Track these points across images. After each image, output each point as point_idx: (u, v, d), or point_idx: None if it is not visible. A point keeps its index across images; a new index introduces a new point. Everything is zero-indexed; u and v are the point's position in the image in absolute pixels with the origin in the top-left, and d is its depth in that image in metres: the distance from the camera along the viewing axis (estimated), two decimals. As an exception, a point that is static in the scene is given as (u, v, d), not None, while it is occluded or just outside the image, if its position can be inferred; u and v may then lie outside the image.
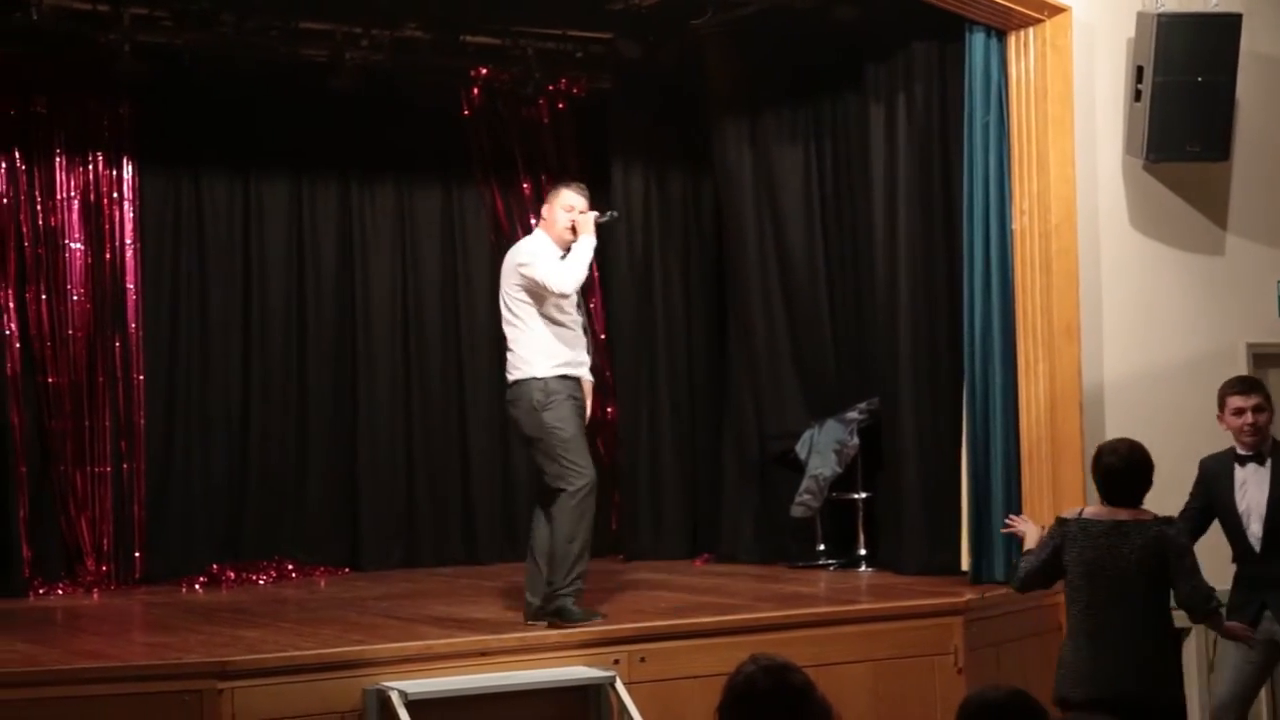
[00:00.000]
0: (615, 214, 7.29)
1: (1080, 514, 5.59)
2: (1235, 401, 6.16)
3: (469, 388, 9.76)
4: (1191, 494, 6.35)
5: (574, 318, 6.69)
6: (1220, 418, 6.24)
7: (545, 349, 6.59)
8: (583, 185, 6.95)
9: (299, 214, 9.49)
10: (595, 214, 6.80)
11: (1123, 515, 5.48)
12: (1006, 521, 6.30)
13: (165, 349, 9.10)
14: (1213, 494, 6.25)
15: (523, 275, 6.60)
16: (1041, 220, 7.54)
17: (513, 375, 6.65)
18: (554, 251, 6.69)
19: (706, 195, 9.71)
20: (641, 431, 9.60)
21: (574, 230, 6.69)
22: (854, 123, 8.76)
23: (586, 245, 6.71)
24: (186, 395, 9.16)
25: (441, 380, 9.74)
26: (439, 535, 9.64)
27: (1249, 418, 6.12)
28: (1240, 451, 6.18)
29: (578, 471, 6.50)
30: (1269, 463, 6.10)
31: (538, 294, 6.58)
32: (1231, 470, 6.18)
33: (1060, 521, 5.63)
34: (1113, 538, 5.43)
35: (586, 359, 6.75)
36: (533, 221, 9.88)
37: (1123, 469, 5.51)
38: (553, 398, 6.55)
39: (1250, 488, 6.13)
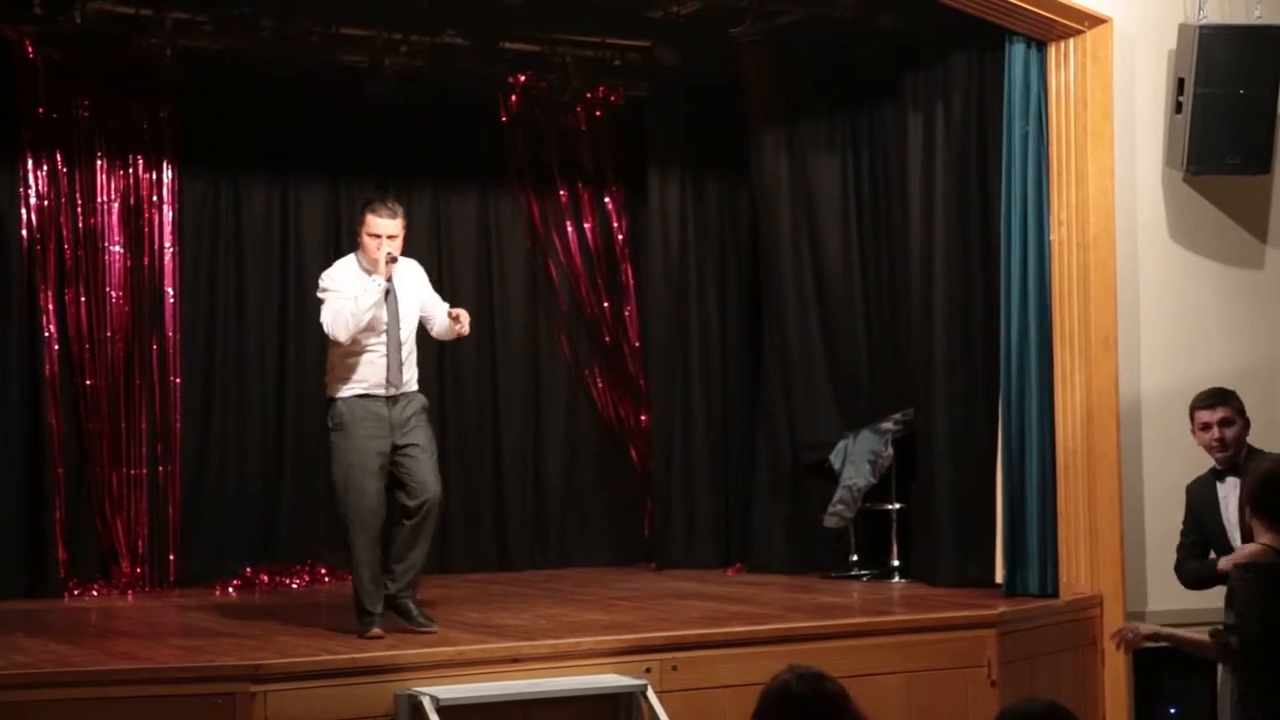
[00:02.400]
0: (395, 259, 6.65)
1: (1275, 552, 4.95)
2: (1201, 416, 6.02)
3: (502, 393, 9.78)
4: (1184, 526, 6.15)
5: (376, 343, 6.58)
6: (1193, 433, 6.10)
7: (344, 372, 6.60)
8: (392, 206, 6.67)
9: (337, 219, 9.50)
10: (389, 251, 6.54)
11: None
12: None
13: (202, 352, 9.14)
14: (1200, 518, 6.04)
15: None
16: (1080, 231, 7.51)
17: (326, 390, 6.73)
18: (354, 278, 6.60)
19: (743, 203, 9.70)
20: (675, 440, 9.58)
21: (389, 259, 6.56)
22: (892, 132, 8.74)
23: (369, 287, 6.54)
24: (223, 398, 9.20)
25: (475, 385, 9.76)
26: (471, 541, 9.65)
27: (1215, 432, 5.96)
28: (1217, 467, 6.01)
29: (347, 506, 6.53)
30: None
31: None
32: (1213, 488, 6.00)
33: (1271, 566, 4.91)
34: None
35: (402, 378, 6.62)
36: (568, 228, 9.94)
37: None
38: (338, 421, 6.57)
39: (1231, 503, 5.84)
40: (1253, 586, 4.90)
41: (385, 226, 6.59)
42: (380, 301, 6.59)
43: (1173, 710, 7.46)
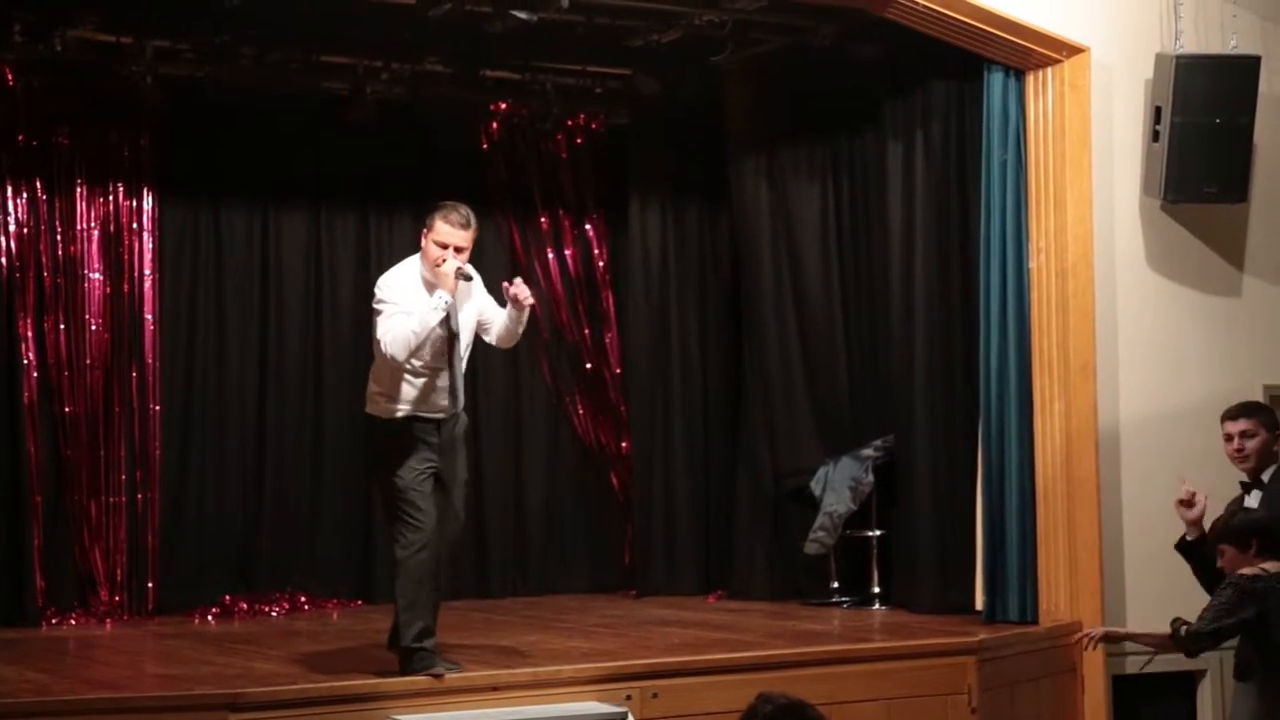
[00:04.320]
0: (471, 275, 6.12)
1: (1268, 571, 5.29)
2: (1225, 426, 6.11)
3: (482, 420, 9.74)
4: None
5: (434, 361, 6.03)
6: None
7: (392, 391, 6.06)
8: (465, 214, 6.04)
9: (317, 246, 9.51)
10: (458, 265, 5.99)
11: None
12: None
13: (182, 380, 9.12)
14: None
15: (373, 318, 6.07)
16: (1058, 259, 7.55)
17: (366, 408, 6.20)
18: (415, 289, 6.05)
19: (723, 230, 9.72)
20: (655, 466, 9.58)
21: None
22: (872, 160, 8.78)
23: (436, 304, 5.95)
24: (202, 426, 9.17)
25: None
26: (451, 568, 9.61)
27: (1235, 443, 6.05)
28: (1242, 479, 6.09)
29: (409, 523, 5.98)
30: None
31: None
32: (1242, 502, 6.09)
33: (1254, 579, 5.28)
34: None
35: (449, 404, 6.10)
36: (549, 255, 9.95)
37: None
38: (390, 441, 6.04)
39: None
40: (1225, 589, 5.28)
41: (455, 236, 6.00)
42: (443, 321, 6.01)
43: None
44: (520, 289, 6.13)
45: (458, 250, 6.04)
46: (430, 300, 6.01)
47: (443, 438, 6.15)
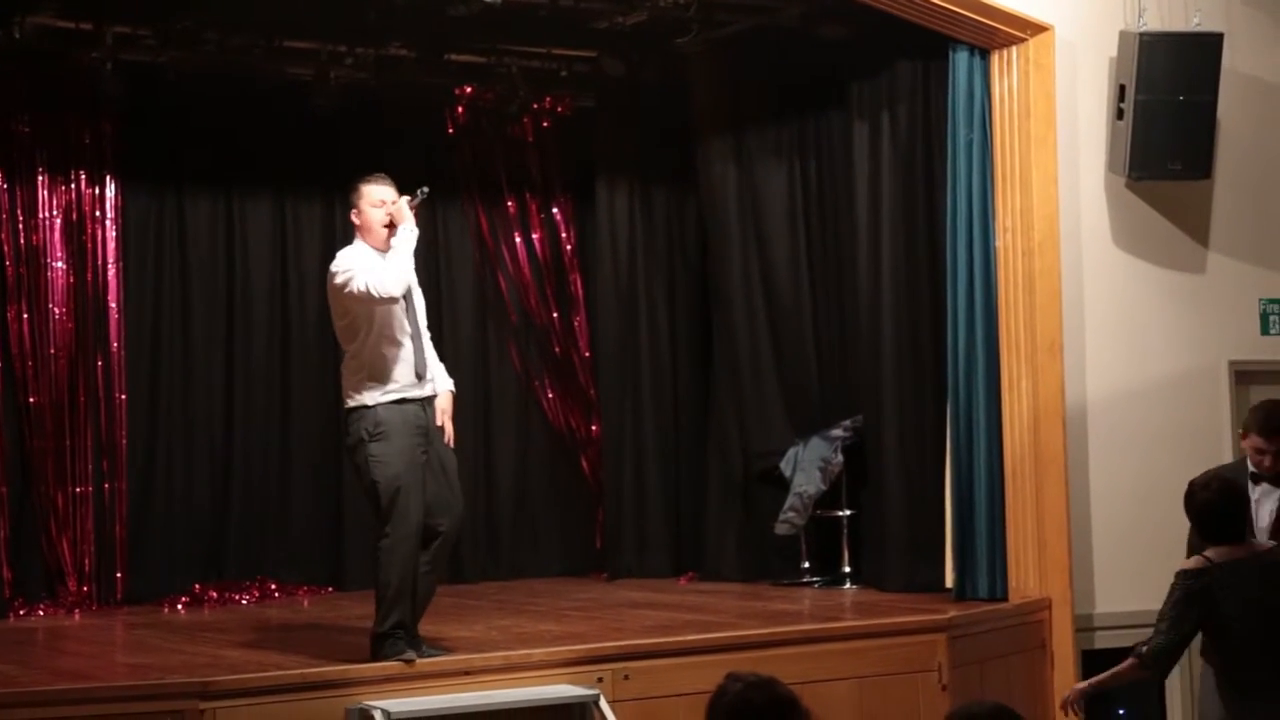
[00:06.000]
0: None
1: (1211, 560, 5.10)
2: (1254, 441, 5.89)
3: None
4: None
5: (403, 329, 6.12)
6: (1243, 438, 5.98)
7: (374, 375, 6.07)
8: (384, 176, 6.29)
9: (282, 232, 9.47)
10: (406, 198, 6.19)
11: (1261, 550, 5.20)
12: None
13: (147, 368, 9.07)
14: None
15: (343, 293, 6.07)
16: (1024, 238, 7.57)
17: (346, 403, 6.18)
18: (373, 258, 6.12)
19: (691, 212, 9.72)
20: (626, 449, 9.58)
21: (392, 225, 6.13)
22: (838, 140, 8.78)
23: (407, 237, 6.12)
24: (169, 415, 9.13)
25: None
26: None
27: (1266, 461, 5.86)
28: (1252, 469, 5.87)
29: (399, 514, 5.98)
30: None
31: (361, 312, 6.06)
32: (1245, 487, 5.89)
33: (1198, 574, 5.10)
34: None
35: (430, 374, 6.21)
36: (516, 239, 9.92)
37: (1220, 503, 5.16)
38: (380, 429, 6.02)
39: (1263, 504, 5.79)
40: (1173, 593, 5.13)
41: (387, 192, 6.19)
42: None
43: (1121, 712, 7.52)
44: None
45: (392, 203, 6.23)
46: (397, 237, 6.13)
47: (428, 422, 6.18)
